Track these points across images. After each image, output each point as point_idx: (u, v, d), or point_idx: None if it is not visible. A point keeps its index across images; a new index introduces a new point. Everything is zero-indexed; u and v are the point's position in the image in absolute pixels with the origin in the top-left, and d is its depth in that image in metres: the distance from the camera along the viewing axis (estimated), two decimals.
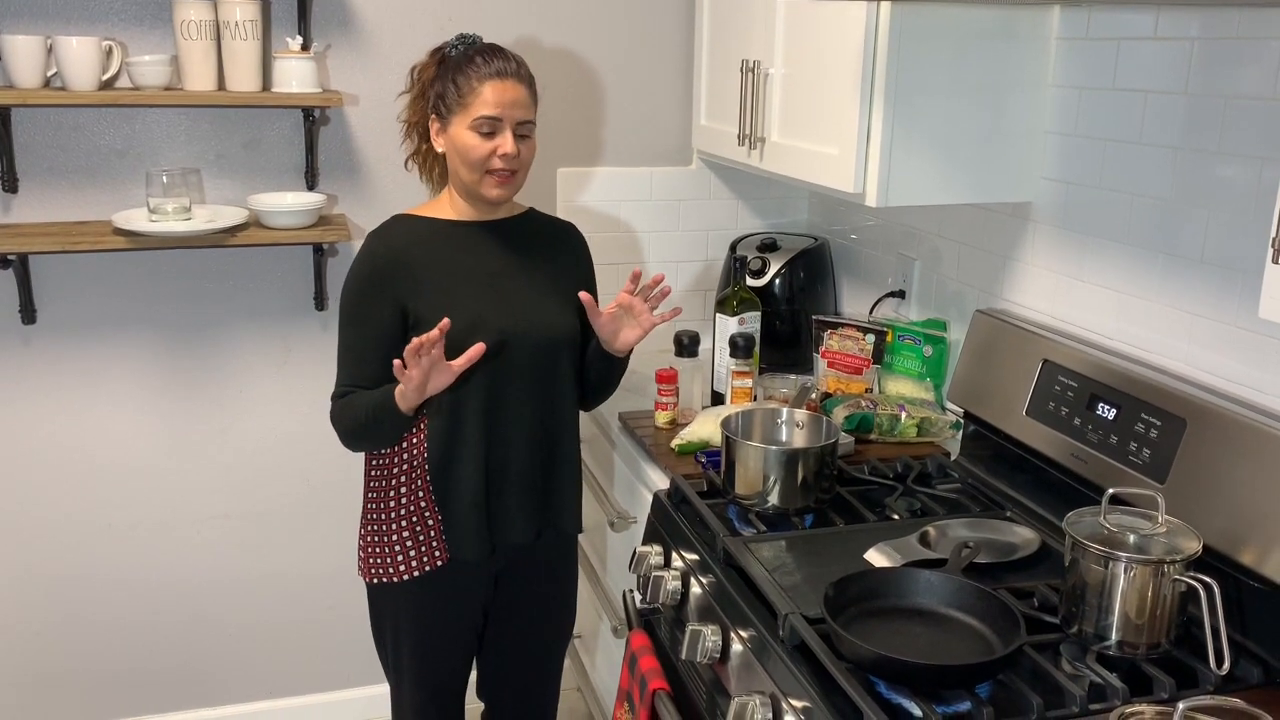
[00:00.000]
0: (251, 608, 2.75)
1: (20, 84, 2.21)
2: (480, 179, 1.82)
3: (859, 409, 2.20)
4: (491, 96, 1.78)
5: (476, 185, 1.83)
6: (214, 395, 2.60)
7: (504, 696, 2.14)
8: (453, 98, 1.80)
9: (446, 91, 1.81)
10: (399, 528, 1.89)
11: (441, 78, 1.83)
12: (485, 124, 1.78)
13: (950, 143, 1.93)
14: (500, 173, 1.81)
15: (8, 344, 2.44)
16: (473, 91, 1.78)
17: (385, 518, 1.90)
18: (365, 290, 1.83)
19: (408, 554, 1.89)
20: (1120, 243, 1.83)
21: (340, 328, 1.86)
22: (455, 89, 1.80)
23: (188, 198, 2.34)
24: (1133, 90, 1.78)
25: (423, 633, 1.96)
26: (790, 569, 1.65)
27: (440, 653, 1.98)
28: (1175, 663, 1.42)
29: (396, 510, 1.88)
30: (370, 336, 1.82)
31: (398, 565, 1.90)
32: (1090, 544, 1.42)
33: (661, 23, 2.70)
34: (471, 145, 1.79)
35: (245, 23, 2.27)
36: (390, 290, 1.81)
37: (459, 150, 1.81)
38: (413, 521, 1.88)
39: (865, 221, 2.62)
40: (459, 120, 1.80)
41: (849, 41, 1.92)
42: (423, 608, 1.94)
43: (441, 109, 1.82)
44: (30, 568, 2.57)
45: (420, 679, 2.00)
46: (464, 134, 1.79)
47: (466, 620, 1.99)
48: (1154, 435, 1.65)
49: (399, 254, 1.84)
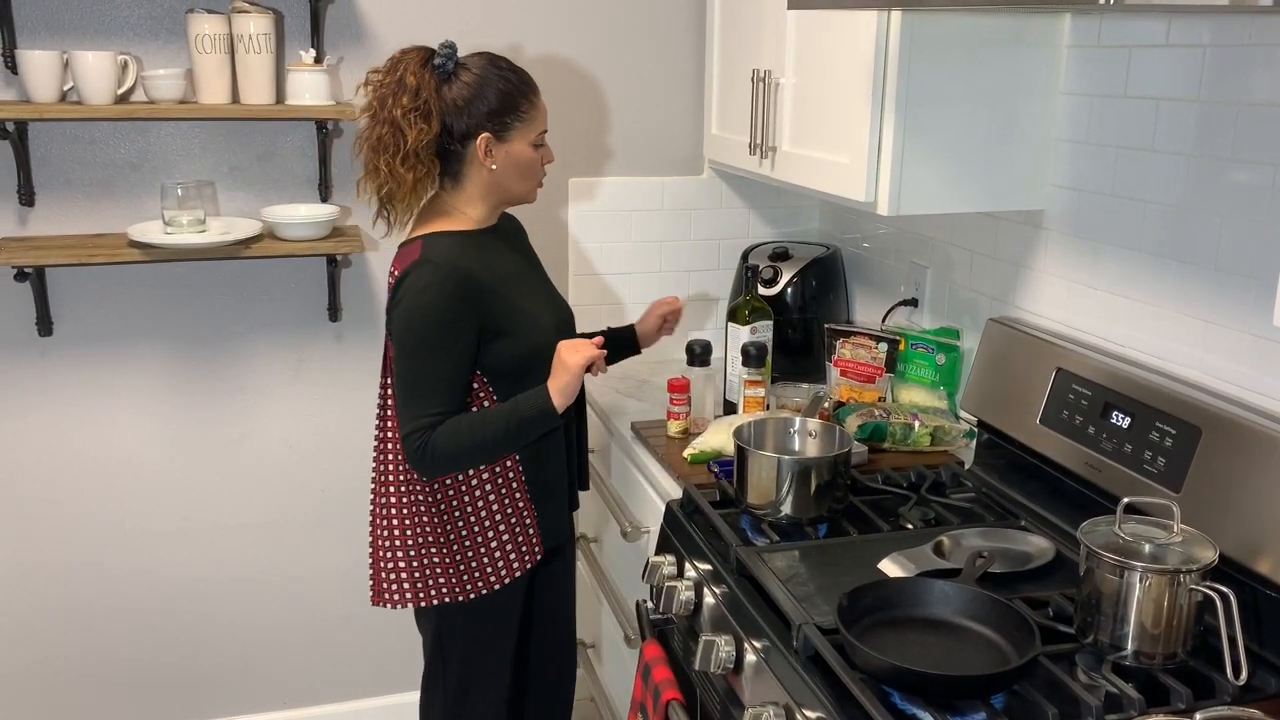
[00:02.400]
0: (266, 617, 2.76)
1: (37, 98, 2.22)
2: (532, 187, 1.94)
3: (872, 418, 2.20)
4: (544, 110, 1.90)
5: (528, 193, 1.94)
6: (228, 406, 2.61)
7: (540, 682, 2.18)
8: (514, 114, 1.85)
9: (506, 107, 1.83)
10: (496, 533, 1.91)
11: (475, 92, 1.81)
12: (542, 137, 1.90)
13: (961, 151, 1.93)
14: (542, 179, 1.96)
15: (25, 356, 2.46)
16: (533, 106, 1.87)
17: (469, 532, 1.90)
18: (452, 317, 1.80)
19: (507, 557, 1.92)
20: (1133, 250, 1.83)
21: (422, 357, 1.79)
22: (514, 105, 1.85)
23: (202, 210, 2.35)
24: (1145, 97, 1.78)
25: (502, 639, 2.00)
26: (803, 579, 1.65)
27: (506, 658, 2.02)
28: (1192, 673, 1.41)
29: (490, 518, 1.90)
30: (462, 363, 1.82)
31: (498, 571, 1.92)
32: (1105, 553, 1.41)
33: (672, 32, 2.71)
34: (532, 159, 1.89)
35: (259, 36, 2.28)
36: (473, 310, 1.82)
37: (520, 165, 1.88)
38: (510, 524, 1.91)
39: (877, 230, 2.62)
40: (522, 136, 1.86)
41: (859, 50, 1.92)
42: (502, 611, 1.98)
43: (499, 125, 1.83)
44: (46, 576, 2.58)
45: (494, 688, 2.02)
46: (527, 150, 1.88)
47: (518, 618, 2.02)
48: (1169, 444, 1.64)
49: (471, 274, 1.82)
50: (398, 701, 2.88)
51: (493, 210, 1.95)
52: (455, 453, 1.80)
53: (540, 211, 2.10)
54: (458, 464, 1.84)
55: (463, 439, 1.80)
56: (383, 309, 2.65)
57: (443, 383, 1.81)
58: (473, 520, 1.90)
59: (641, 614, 1.97)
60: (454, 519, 1.90)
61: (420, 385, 1.80)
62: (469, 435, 1.80)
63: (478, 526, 1.90)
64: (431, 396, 1.80)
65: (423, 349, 1.79)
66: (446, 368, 1.80)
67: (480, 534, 1.90)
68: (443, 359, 1.80)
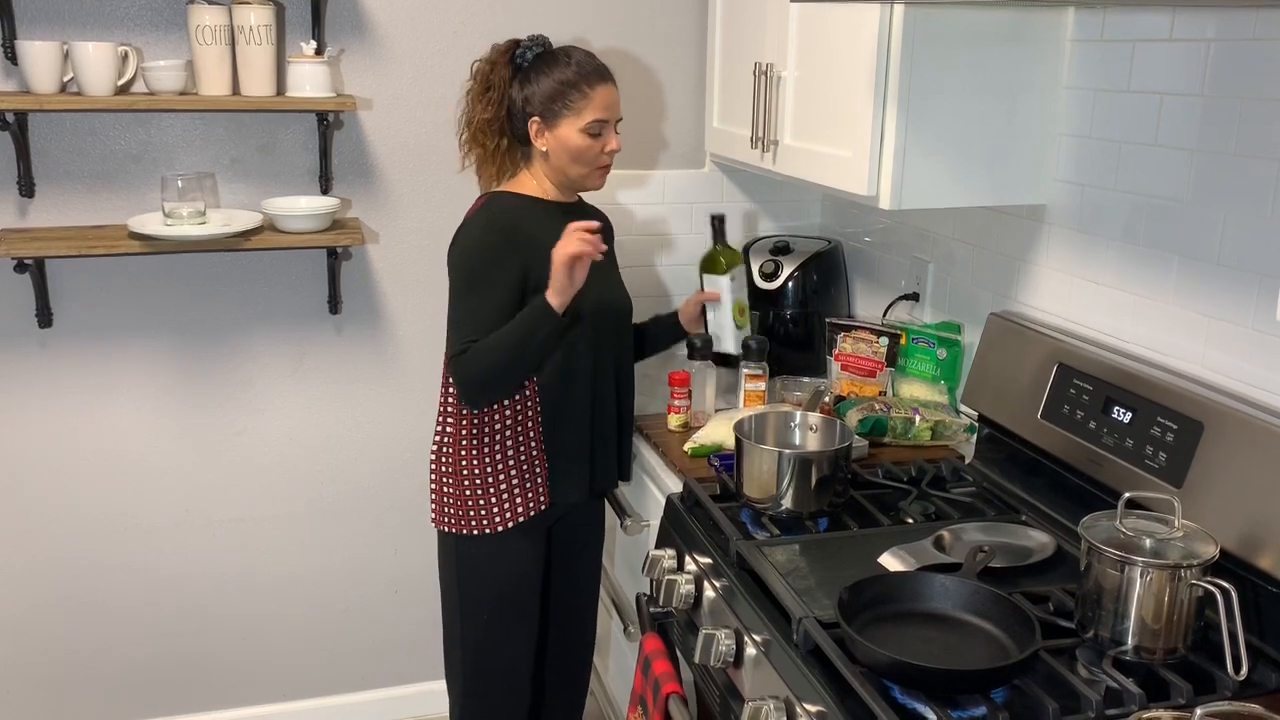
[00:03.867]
0: (267, 610, 2.76)
1: (37, 89, 2.22)
2: (590, 174, 2.04)
3: (873, 412, 2.20)
4: (600, 101, 1.99)
5: (584, 179, 2.05)
6: (229, 398, 2.61)
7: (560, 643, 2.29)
8: (563, 102, 1.97)
9: (556, 96, 1.97)
10: (506, 478, 2.02)
11: (536, 79, 1.98)
12: (596, 126, 1.98)
13: (964, 145, 1.93)
14: (607, 167, 2.05)
15: (25, 347, 2.46)
16: (584, 97, 1.97)
17: (489, 470, 2.02)
18: (492, 255, 1.94)
19: (514, 500, 2.03)
20: (1135, 245, 1.82)
21: (462, 294, 1.94)
22: (563, 94, 1.97)
23: (202, 202, 2.35)
24: (1148, 92, 1.77)
25: (515, 581, 2.09)
26: (804, 573, 1.65)
27: (524, 604, 2.11)
28: (1192, 668, 1.41)
29: (504, 463, 2.02)
30: (498, 300, 1.93)
31: (504, 512, 2.03)
32: (1106, 548, 1.41)
33: (674, 26, 2.70)
34: (584, 145, 1.99)
35: (259, 27, 2.28)
36: (515, 255, 1.95)
37: (570, 150, 1.99)
38: (521, 471, 2.03)
39: (879, 224, 2.61)
40: (570, 123, 1.98)
41: (862, 44, 1.92)
42: (518, 553, 2.07)
43: (548, 112, 1.98)
44: (46, 568, 2.58)
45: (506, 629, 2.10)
46: (575, 136, 1.98)
47: (538, 574, 2.12)
48: (1170, 439, 1.64)
49: (518, 224, 1.97)
50: (400, 694, 2.88)
51: (559, 188, 2.07)
52: (481, 371, 1.91)
53: None
54: (488, 383, 1.93)
55: (483, 357, 1.90)
56: (384, 301, 2.66)
57: (479, 313, 1.92)
58: (494, 461, 2.02)
59: (642, 607, 1.97)
60: (479, 457, 2.02)
61: (462, 314, 1.94)
62: (487, 352, 1.90)
63: (492, 468, 2.02)
64: (468, 325, 1.93)
65: (464, 282, 1.95)
66: (485, 301, 1.92)
67: (494, 475, 2.02)
68: (483, 292, 1.93)
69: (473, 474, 2.03)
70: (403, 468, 2.74)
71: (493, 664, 2.11)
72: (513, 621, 2.10)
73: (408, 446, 2.74)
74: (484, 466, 2.02)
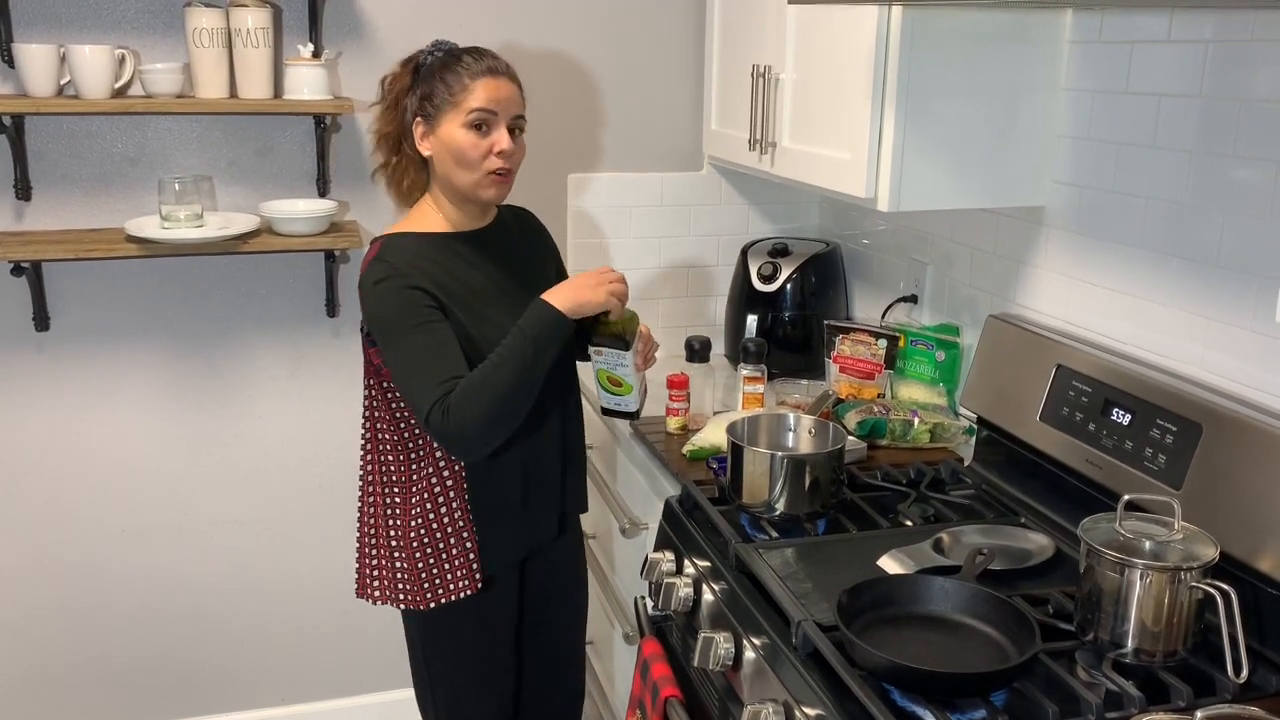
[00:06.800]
0: (264, 613, 2.76)
1: (34, 92, 2.22)
2: (479, 179, 1.77)
3: (871, 414, 2.19)
4: (484, 92, 1.74)
5: (474, 187, 1.78)
6: (226, 401, 2.61)
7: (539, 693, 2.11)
8: (442, 96, 1.75)
9: (435, 91, 1.75)
10: (431, 552, 1.83)
11: (425, 81, 1.77)
12: (479, 117, 1.74)
13: (962, 147, 1.93)
14: (499, 171, 1.77)
15: (21, 351, 2.45)
16: (465, 89, 1.74)
17: (438, 537, 1.83)
18: (413, 296, 1.71)
19: (445, 577, 1.84)
20: (1134, 247, 1.82)
21: (403, 340, 1.70)
22: (445, 87, 1.75)
23: (200, 205, 2.34)
24: (1146, 94, 1.77)
25: (485, 647, 1.93)
26: (803, 576, 1.65)
27: (500, 667, 1.97)
28: (1192, 670, 1.41)
29: (451, 526, 1.83)
30: (445, 333, 1.71)
31: (446, 585, 1.84)
32: (1106, 550, 1.41)
33: (672, 28, 2.70)
34: (468, 143, 1.74)
35: (256, 30, 2.27)
36: (432, 307, 1.73)
37: (453, 150, 1.75)
38: (450, 544, 1.83)
39: (877, 226, 2.61)
40: (451, 118, 1.74)
41: (860, 46, 1.92)
42: (482, 622, 1.92)
43: (428, 110, 1.76)
44: (43, 571, 2.58)
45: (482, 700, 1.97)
46: (457, 132, 1.74)
47: (510, 627, 1.97)
48: (1169, 441, 1.63)
49: (415, 272, 1.75)
50: (395, 698, 2.87)
51: (461, 209, 1.84)
52: (477, 408, 1.65)
53: (538, 208, 2.09)
54: (488, 423, 1.67)
55: (478, 390, 1.66)
56: None
57: (433, 354, 1.69)
58: (422, 532, 1.82)
59: (640, 610, 1.96)
60: (407, 527, 1.83)
61: (414, 366, 1.69)
62: (482, 383, 1.66)
63: (419, 539, 1.82)
64: (429, 372, 1.68)
65: (399, 332, 1.70)
66: (432, 339, 1.70)
67: (425, 547, 1.83)
68: (423, 333, 1.70)
69: (403, 545, 1.83)
70: None
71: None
72: (484, 690, 1.95)
73: None
74: (417, 538, 1.82)
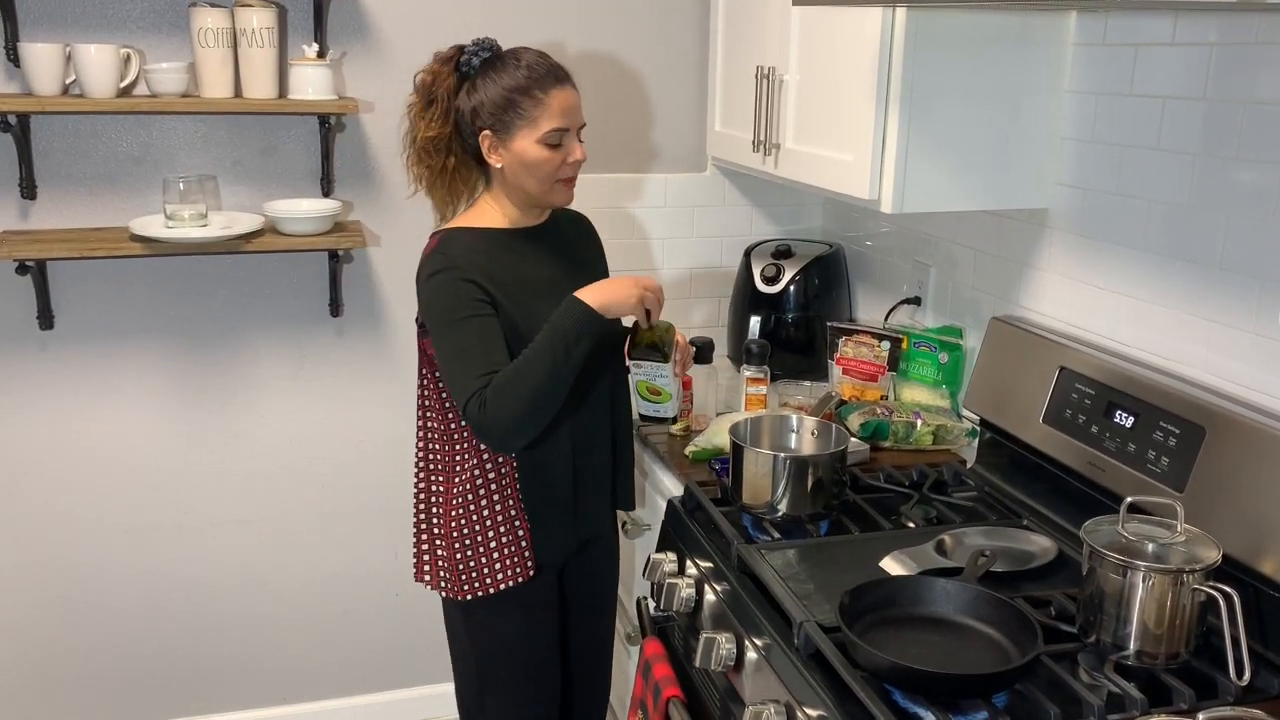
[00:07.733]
0: (265, 613, 2.76)
1: (39, 91, 2.22)
2: (552, 188, 1.83)
3: (874, 416, 2.19)
4: (558, 108, 1.79)
5: (547, 194, 1.84)
6: (229, 400, 2.61)
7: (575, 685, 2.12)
8: (515, 112, 1.77)
9: (504, 104, 1.77)
10: (491, 537, 1.84)
11: (484, 88, 1.79)
12: (555, 136, 1.79)
13: (966, 149, 1.93)
14: (571, 179, 1.85)
15: (26, 349, 2.46)
16: (538, 103, 1.77)
17: (477, 529, 1.84)
18: (467, 290, 1.75)
19: (494, 566, 1.85)
20: (1137, 249, 1.82)
21: (450, 332, 1.74)
22: (516, 103, 1.77)
23: (204, 204, 2.35)
24: (1150, 96, 1.77)
25: (531, 643, 1.94)
26: (805, 577, 1.65)
27: (547, 664, 1.97)
28: (1194, 673, 1.41)
29: (492, 519, 1.84)
30: (492, 327, 1.75)
31: (494, 576, 1.85)
32: (1108, 553, 1.41)
33: (676, 29, 2.70)
34: (544, 158, 1.79)
35: (262, 30, 2.28)
36: (486, 302, 1.77)
37: (528, 164, 1.79)
38: (501, 531, 1.84)
39: (880, 228, 2.61)
40: (525, 134, 1.78)
41: (864, 47, 1.92)
42: (527, 616, 1.92)
43: (499, 124, 1.78)
44: (44, 570, 2.58)
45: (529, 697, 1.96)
46: (532, 148, 1.78)
47: (554, 623, 1.97)
48: (1172, 443, 1.63)
49: (474, 266, 1.78)
50: (395, 698, 2.88)
51: (523, 209, 1.88)
52: (511, 404, 1.68)
53: None
54: (521, 417, 1.69)
55: (511, 386, 1.69)
56: (385, 304, 2.66)
57: (477, 347, 1.73)
58: (463, 523, 1.84)
59: (642, 611, 1.96)
60: (448, 516, 1.86)
61: (459, 357, 1.73)
62: (515, 377, 1.69)
63: (470, 529, 1.85)
64: (471, 363, 1.72)
65: (447, 324, 1.75)
66: (476, 333, 1.74)
67: (465, 539, 1.85)
68: (471, 326, 1.74)
69: (451, 536, 1.85)
70: (403, 471, 2.74)
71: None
72: (536, 687, 1.96)
73: (408, 450, 2.74)
74: (476, 524, 1.84)
